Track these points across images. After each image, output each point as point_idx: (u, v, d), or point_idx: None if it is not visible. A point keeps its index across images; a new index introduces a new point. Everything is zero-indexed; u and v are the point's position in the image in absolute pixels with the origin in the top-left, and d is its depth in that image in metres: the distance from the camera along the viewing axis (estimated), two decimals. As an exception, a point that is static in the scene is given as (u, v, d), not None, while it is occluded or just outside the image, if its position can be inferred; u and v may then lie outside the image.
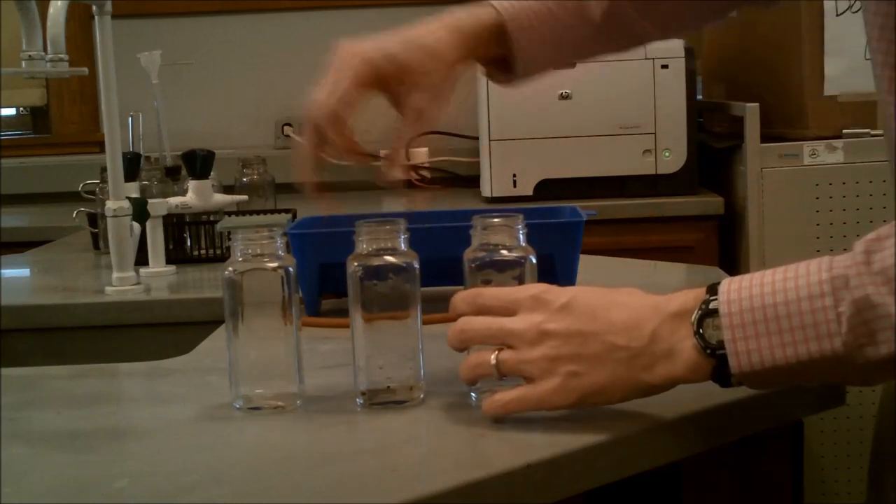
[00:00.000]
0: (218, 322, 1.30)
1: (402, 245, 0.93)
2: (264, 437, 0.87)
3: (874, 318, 0.75)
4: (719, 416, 0.90)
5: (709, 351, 0.80)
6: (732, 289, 0.80)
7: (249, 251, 0.91)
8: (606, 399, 0.83)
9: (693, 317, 0.81)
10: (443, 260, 1.29)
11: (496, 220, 0.93)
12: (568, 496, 0.80)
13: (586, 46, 1.16)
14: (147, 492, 0.75)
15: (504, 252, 0.92)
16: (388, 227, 0.93)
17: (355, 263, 0.91)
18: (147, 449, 0.86)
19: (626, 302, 0.84)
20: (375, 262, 0.91)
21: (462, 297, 0.88)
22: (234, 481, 0.76)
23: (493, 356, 0.84)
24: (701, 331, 0.80)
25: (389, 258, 0.92)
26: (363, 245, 0.92)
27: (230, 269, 0.91)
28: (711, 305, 0.80)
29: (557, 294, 0.84)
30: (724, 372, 0.80)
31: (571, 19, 1.13)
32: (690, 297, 0.82)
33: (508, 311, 0.85)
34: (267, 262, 0.91)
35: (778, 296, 0.78)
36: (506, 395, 0.84)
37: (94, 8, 1.48)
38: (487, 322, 0.85)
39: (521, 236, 0.93)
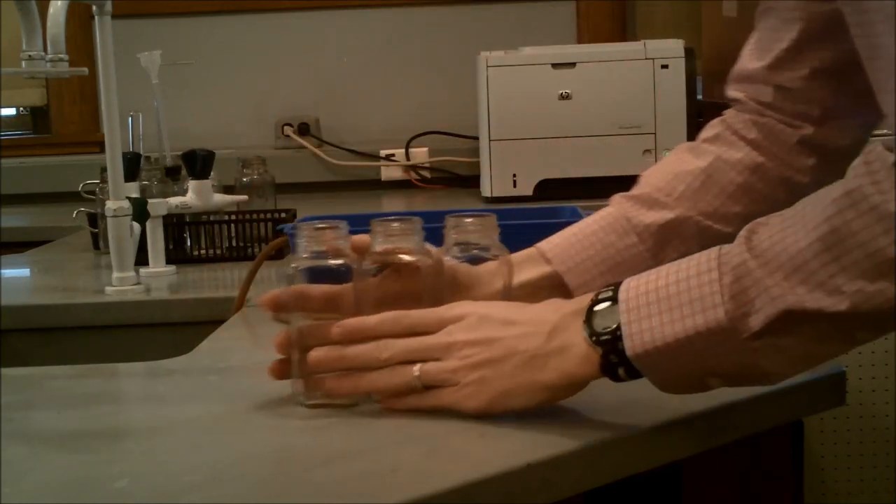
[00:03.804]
0: (218, 322, 1.30)
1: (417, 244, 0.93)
2: (264, 437, 0.87)
3: (752, 285, 0.77)
4: (719, 416, 0.90)
5: (594, 338, 0.82)
6: (632, 283, 0.82)
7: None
8: (513, 403, 0.85)
9: (585, 310, 0.83)
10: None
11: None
12: (568, 496, 0.80)
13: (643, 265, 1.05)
14: (147, 492, 0.75)
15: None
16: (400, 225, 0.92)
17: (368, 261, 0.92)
18: (147, 449, 0.86)
19: (536, 307, 0.88)
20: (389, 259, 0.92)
21: (388, 318, 0.89)
22: (234, 481, 0.76)
23: (415, 368, 0.87)
24: (590, 320, 0.82)
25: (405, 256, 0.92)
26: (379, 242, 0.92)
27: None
28: (602, 296, 0.83)
29: (476, 308, 0.89)
30: (610, 361, 0.82)
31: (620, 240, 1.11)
32: (590, 295, 0.85)
33: (430, 329, 0.88)
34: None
35: (670, 277, 0.81)
36: (425, 397, 0.88)
37: (94, 8, 1.48)
38: (410, 340, 0.88)
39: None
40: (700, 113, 2.49)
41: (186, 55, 2.57)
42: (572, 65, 2.27)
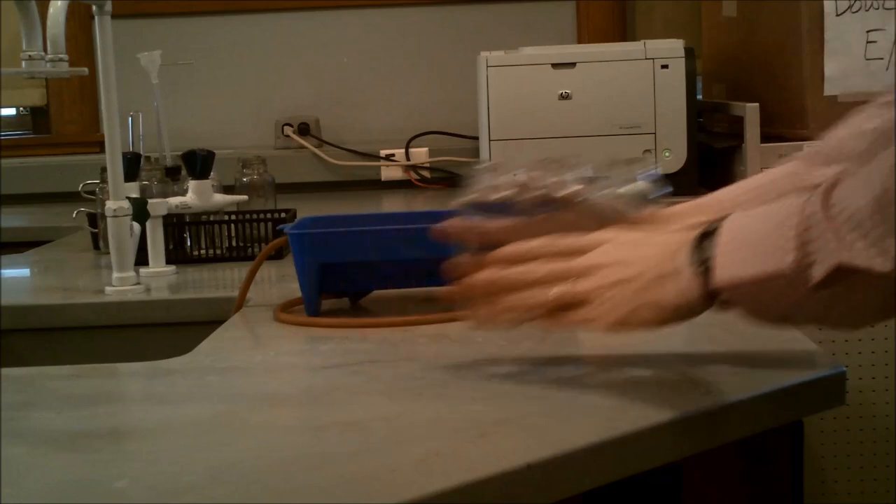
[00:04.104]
0: (218, 322, 1.30)
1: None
2: (264, 436, 0.87)
3: (818, 237, 0.79)
4: (719, 416, 0.90)
5: (696, 266, 0.85)
6: (735, 218, 0.86)
7: None
8: (638, 322, 0.89)
9: (696, 237, 0.87)
10: (444, 259, 1.29)
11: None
12: (568, 496, 0.80)
13: None
14: (147, 492, 0.75)
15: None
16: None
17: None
18: (147, 449, 0.86)
19: (669, 231, 0.93)
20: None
21: (539, 244, 0.96)
22: (234, 481, 0.76)
23: (553, 290, 0.92)
24: (698, 248, 0.86)
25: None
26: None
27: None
28: (712, 226, 0.86)
29: (615, 234, 0.95)
30: (708, 290, 0.86)
31: None
32: (706, 223, 0.88)
33: (575, 254, 0.94)
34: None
35: (764, 218, 0.84)
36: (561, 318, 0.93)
37: (94, 8, 1.48)
38: (554, 265, 0.94)
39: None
40: (700, 113, 2.49)
41: (186, 55, 2.57)
42: (572, 65, 2.27)
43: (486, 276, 0.96)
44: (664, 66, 2.27)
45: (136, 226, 1.54)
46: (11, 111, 3.01)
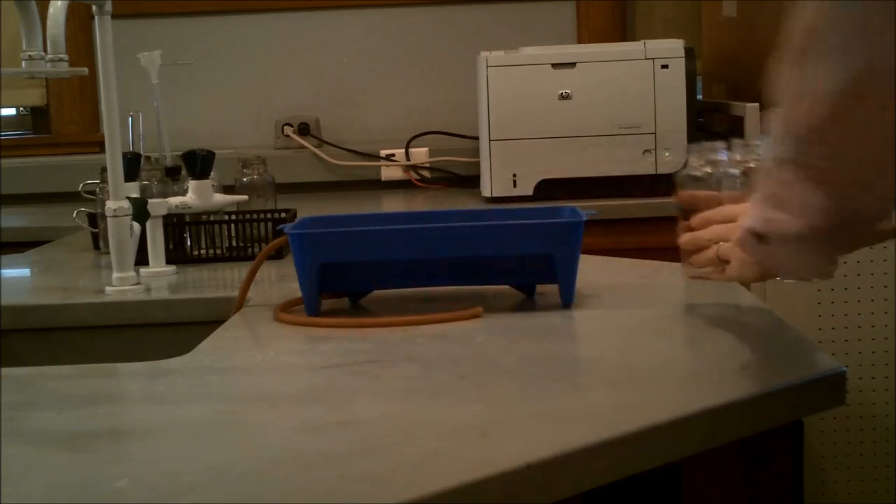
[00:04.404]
0: (218, 322, 1.30)
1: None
2: (264, 437, 0.87)
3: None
4: (719, 416, 0.90)
5: None
6: None
7: None
8: (776, 272, 1.11)
9: None
10: (443, 259, 1.29)
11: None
12: (568, 496, 0.80)
13: None
14: (147, 492, 0.75)
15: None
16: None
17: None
18: (147, 449, 0.86)
19: None
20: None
21: (714, 211, 1.21)
22: (234, 481, 0.76)
23: (716, 247, 1.19)
24: None
25: None
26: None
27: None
28: None
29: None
30: None
31: None
32: None
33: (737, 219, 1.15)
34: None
35: None
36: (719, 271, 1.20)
37: (94, 8, 1.48)
38: (720, 227, 1.19)
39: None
40: (700, 113, 2.49)
41: (186, 55, 2.57)
42: (572, 65, 2.27)
43: (688, 237, 1.23)
44: (664, 66, 2.27)
45: (136, 226, 1.54)
46: (11, 111, 3.01)
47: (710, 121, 2.58)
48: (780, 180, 0.96)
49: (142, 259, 1.59)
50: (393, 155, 2.64)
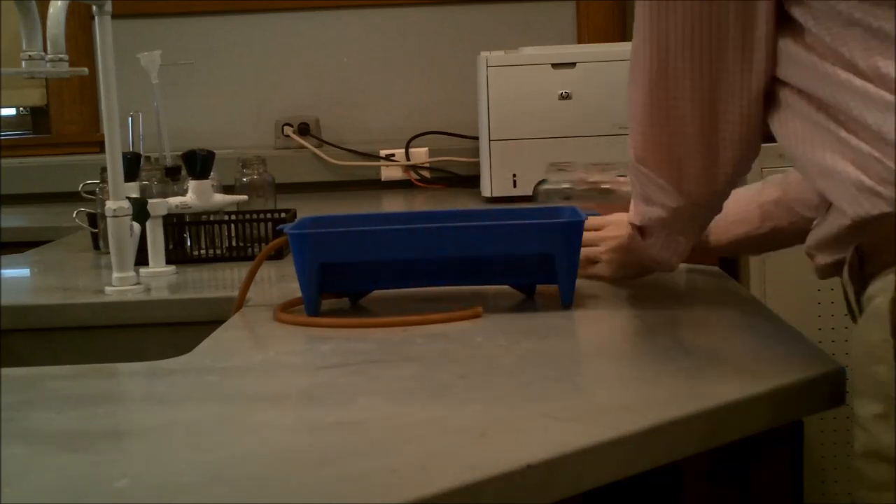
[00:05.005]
0: (218, 322, 1.30)
1: None
2: (264, 437, 0.87)
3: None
4: (719, 416, 0.90)
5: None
6: None
7: None
8: (629, 273, 1.36)
9: None
10: (443, 259, 1.29)
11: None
12: (568, 496, 0.80)
13: None
14: (147, 492, 0.75)
15: None
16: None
17: None
18: (147, 449, 0.86)
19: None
20: None
21: (592, 221, 1.35)
22: (234, 481, 0.76)
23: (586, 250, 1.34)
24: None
25: None
26: None
27: None
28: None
29: (622, 216, 1.31)
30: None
31: None
32: None
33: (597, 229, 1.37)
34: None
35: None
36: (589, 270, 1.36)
37: (94, 8, 1.48)
38: (592, 234, 1.36)
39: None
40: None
41: (186, 55, 2.57)
42: (572, 65, 2.27)
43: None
44: (664, 66, 2.27)
45: (136, 226, 1.54)
46: (11, 111, 3.01)
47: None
48: (637, 177, 1.18)
49: (142, 259, 1.59)
50: (393, 155, 2.64)
